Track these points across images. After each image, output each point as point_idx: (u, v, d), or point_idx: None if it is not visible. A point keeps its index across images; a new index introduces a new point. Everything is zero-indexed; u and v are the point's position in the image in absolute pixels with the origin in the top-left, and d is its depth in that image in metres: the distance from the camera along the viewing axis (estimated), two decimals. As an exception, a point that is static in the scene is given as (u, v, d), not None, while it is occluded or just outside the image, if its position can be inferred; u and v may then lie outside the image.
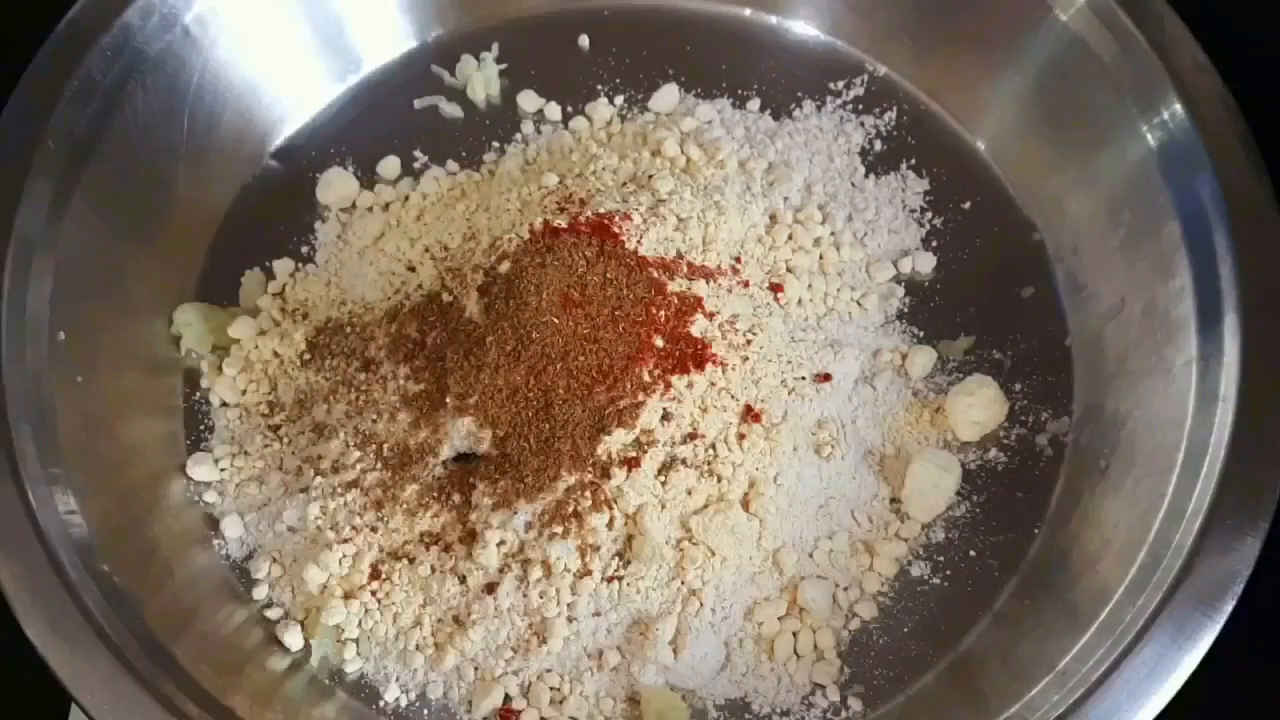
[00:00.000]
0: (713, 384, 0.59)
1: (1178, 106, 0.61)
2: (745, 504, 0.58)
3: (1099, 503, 0.60)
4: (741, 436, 0.59)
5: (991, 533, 0.61)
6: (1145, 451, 0.59)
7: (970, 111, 0.71)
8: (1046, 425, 0.63)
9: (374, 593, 0.59)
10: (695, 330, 0.59)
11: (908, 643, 0.59)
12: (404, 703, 0.58)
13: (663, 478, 0.58)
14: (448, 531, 0.59)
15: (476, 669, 0.58)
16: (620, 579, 0.57)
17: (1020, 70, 0.68)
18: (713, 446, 0.59)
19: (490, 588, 0.57)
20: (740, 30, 0.74)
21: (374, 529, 0.59)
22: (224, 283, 0.67)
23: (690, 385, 0.58)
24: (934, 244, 0.68)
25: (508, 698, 0.57)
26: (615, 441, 0.57)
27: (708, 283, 0.62)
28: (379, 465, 0.59)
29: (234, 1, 0.67)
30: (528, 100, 0.72)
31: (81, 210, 0.61)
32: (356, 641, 0.59)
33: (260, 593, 0.60)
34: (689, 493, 0.58)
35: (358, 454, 0.60)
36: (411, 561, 0.59)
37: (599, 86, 0.72)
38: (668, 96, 0.71)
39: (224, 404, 0.64)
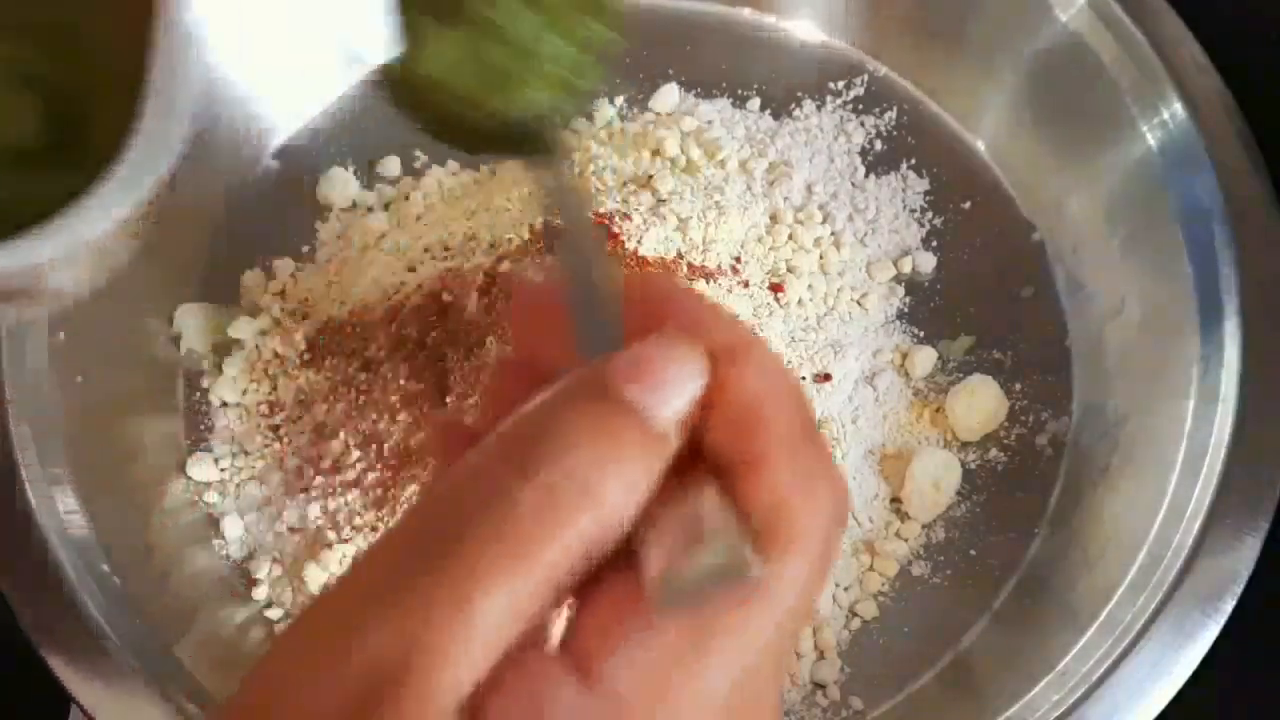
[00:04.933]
0: (713, 384, 0.59)
1: (1178, 106, 0.61)
2: (745, 504, 0.58)
3: (1099, 503, 0.60)
4: (742, 436, 0.59)
5: (991, 533, 0.61)
6: (1145, 451, 0.59)
7: (970, 111, 0.71)
8: (1046, 425, 0.63)
9: (374, 593, 0.58)
10: (695, 330, 0.60)
11: (908, 642, 0.59)
12: (404, 703, 0.58)
13: (663, 478, 0.58)
14: (448, 531, 0.59)
15: (477, 669, 0.58)
16: (620, 579, 0.57)
17: (1021, 70, 0.68)
18: (713, 446, 0.59)
19: (490, 588, 0.57)
20: (740, 30, 0.74)
21: (374, 529, 0.59)
22: (224, 283, 0.67)
23: (690, 385, 0.58)
24: (934, 244, 0.68)
25: (508, 697, 0.57)
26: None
27: (708, 283, 0.62)
28: (379, 465, 0.60)
29: (234, 1, 0.67)
30: (528, 100, 0.72)
31: (81, 210, 0.61)
32: (357, 641, 0.59)
33: (260, 593, 0.60)
34: (689, 493, 0.58)
35: (358, 454, 0.60)
36: (412, 561, 0.58)
37: (599, 86, 0.72)
38: (668, 96, 0.71)
39: (224, 404, 0.64)
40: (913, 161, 0.70)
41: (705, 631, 0.23)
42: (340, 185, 0.70)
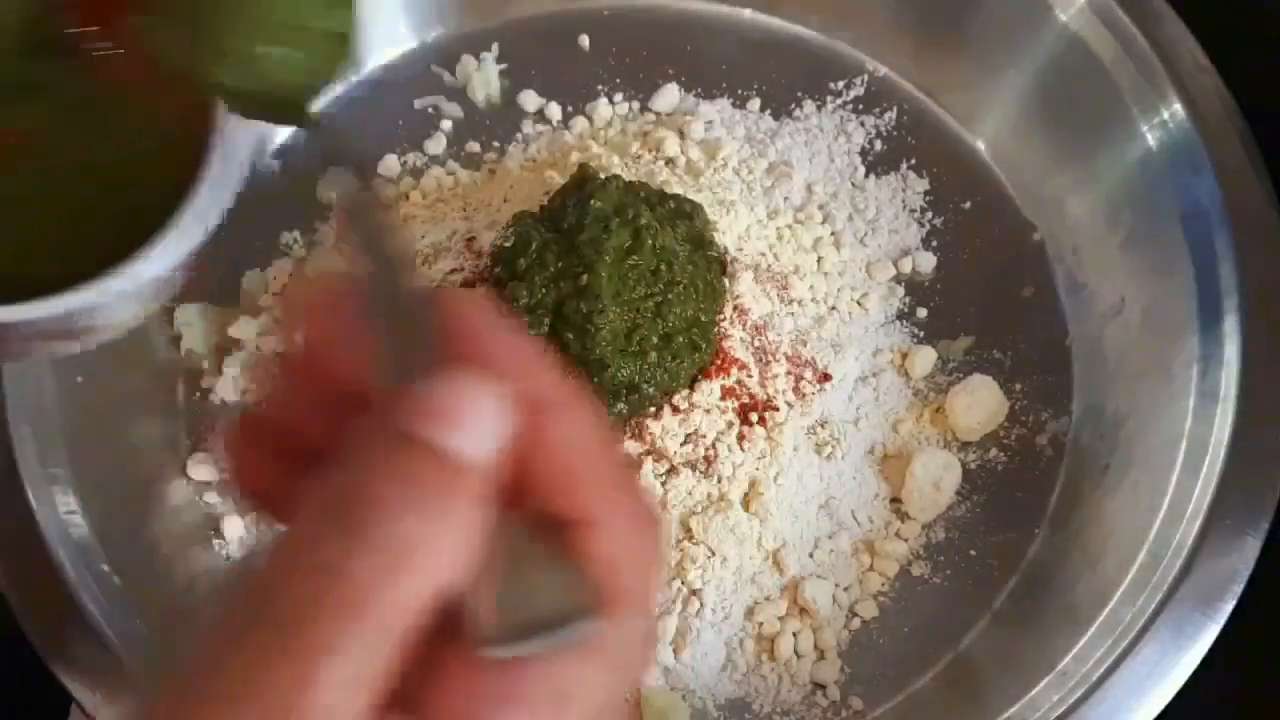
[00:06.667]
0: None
1: (1178, 106, 0.61)
2: (746, 504, 0.58)
3: (1099, 503, 0.60)
4: (742, 437, 0.59)
5: (991, 533, 0.61)
6: (1145, 451, 0.59)
7: (970, 111, 0.71)
8: (1046, 425, 0.63)
9: (374, 593, 0.58)
10: (695, 330, 0.60)
11: (908, 642, 0.59)
12: (404, 703, 0.58)
13: (663, 478, 0.58)
14: (448, 531, 0.58)
15: (477, 669, 0.58)
16: (620, 579, 0.57)
17: (1020, 70, 0.68)
18: (713, 446, 0.59)
19: (491, 588, 0.57)
20: (740, 30, 0.74)
21: (374, 529, 0.59)
22: (224, 283, 0.67)
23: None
24: (934, 244, 0.68)
25: (508, 697, 0.57)
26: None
27: (708, 283, 0.62)
28: (379, 465, 0.59)
29: (234, 1, 0.67)
30: (528, 100, 0.72)
31: (81, 210, 0.61)
32: (357, 641, 0.58)
33: (260, 593, 0.60)
34: (689, 493, 0.58)
35: (358, 454, 0.60)
36: (412, 561, 0.58)
37: (599, 86, 0.72)
38: (668, 96, 0.71)
39: (224, 404, 0.64)
40: (913, 161, 0.70)
41: (554, 693, 0.23)
42: (340, 185, 0.69)
